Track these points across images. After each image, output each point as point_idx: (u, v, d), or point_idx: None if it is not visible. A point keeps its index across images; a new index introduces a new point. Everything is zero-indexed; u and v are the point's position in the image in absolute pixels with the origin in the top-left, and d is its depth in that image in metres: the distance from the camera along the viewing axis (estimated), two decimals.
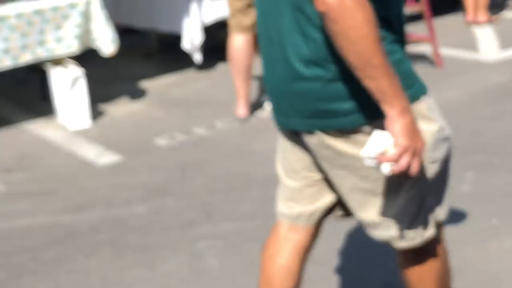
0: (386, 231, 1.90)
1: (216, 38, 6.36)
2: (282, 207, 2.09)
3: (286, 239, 2.08)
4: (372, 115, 1.74)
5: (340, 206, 2.06)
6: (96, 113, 4.97)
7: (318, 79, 1.76)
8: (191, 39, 5.64)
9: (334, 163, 1.86)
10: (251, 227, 3.27)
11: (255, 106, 4.85)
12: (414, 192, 1.85)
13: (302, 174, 2.01)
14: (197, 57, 5.74)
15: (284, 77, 1.83)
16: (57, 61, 4.90)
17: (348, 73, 1.68)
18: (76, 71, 4.73)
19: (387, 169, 1.66)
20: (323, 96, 1.77)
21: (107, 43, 4.83)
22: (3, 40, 4.51)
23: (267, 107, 4.86)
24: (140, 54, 6.53)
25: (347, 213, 2.06)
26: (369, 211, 1.89)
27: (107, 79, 5.82)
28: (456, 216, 3.16)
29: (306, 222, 2.06)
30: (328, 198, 2.03)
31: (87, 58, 5.77)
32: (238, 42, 4.57)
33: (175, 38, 6.17)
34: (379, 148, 1.65)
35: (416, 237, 1.90)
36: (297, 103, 1.83)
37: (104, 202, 3.65)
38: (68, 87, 4.70)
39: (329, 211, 2.06)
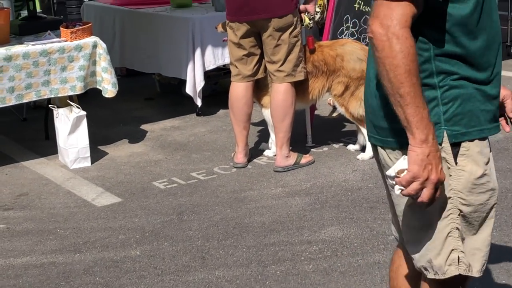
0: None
1: (217, 85, 6.47)
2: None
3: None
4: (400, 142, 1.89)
5: None
6: (96, 154, 5.04)
7: (374, 95, 1.94)
8: (193, 84, 5.75)
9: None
10: (245, 275, 3.30)
11: (253, 153, 4.92)
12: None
13: None
14: (198, 102, 5.84)
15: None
16: (61, 102, 4.98)
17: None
18: (78, 112, 4.81)
19: (397, 190, 1.82)
20: (370, 110, 1.97)
21: (108, 86, 4.93)
22: (9, 79, 4.60)
23: (268, 153, 4.93)
24: (142, 97, 6.63)
25: None
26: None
27: (108, 121, 5.90)
28: None
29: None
30: None
31: (90, 100, 5.87)
32: (238, 91, 4.65)
33: (177, 83, 6.28)
34: (397, 171, 1.82)
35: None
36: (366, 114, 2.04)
37: (100, 244, 3.68)
38: (71, 128, 4.77)
39: None
